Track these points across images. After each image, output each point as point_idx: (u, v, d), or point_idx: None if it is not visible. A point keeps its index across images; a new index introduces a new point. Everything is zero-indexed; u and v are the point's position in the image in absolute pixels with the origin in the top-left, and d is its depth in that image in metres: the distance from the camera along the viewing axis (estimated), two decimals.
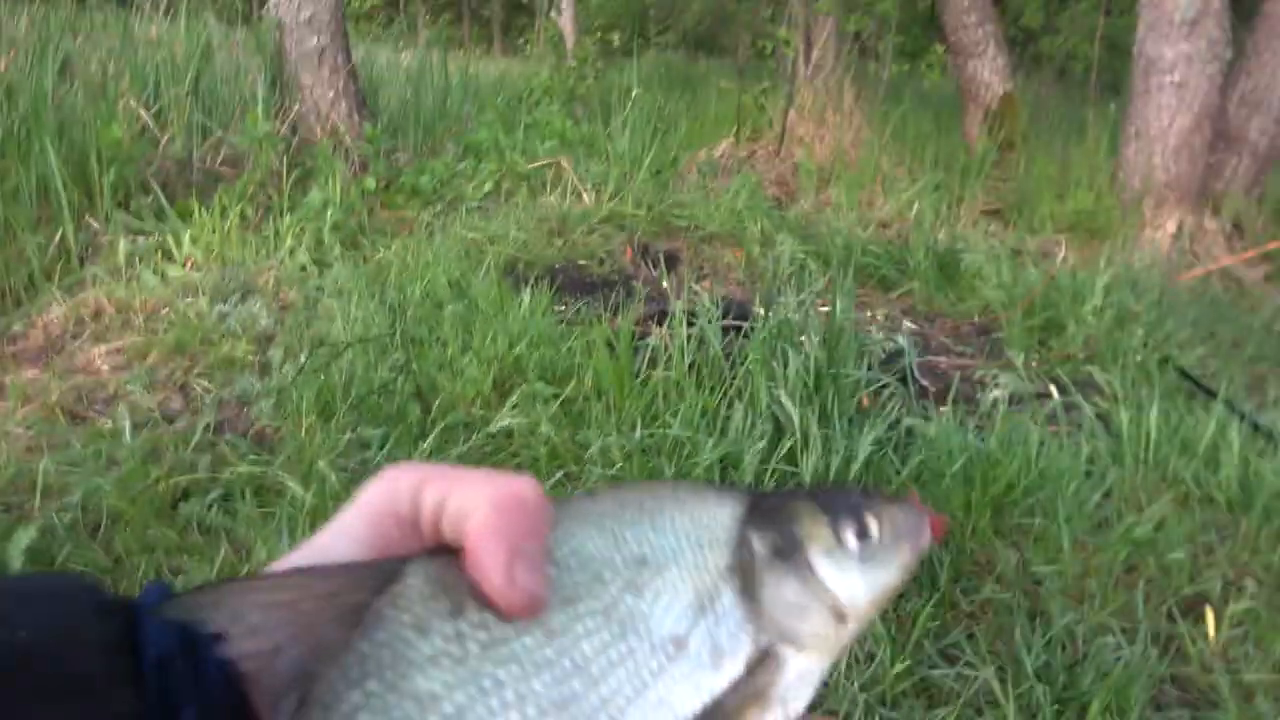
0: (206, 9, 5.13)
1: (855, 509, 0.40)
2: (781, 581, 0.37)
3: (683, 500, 0.39)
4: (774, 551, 0.38)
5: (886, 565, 0.40)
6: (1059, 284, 3.82)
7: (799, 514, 0.39)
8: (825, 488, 0.42)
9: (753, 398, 2.43)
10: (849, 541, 0.39)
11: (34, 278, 3.41)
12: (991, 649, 1.83)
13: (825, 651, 0.38)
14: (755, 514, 0.39)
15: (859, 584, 0.39)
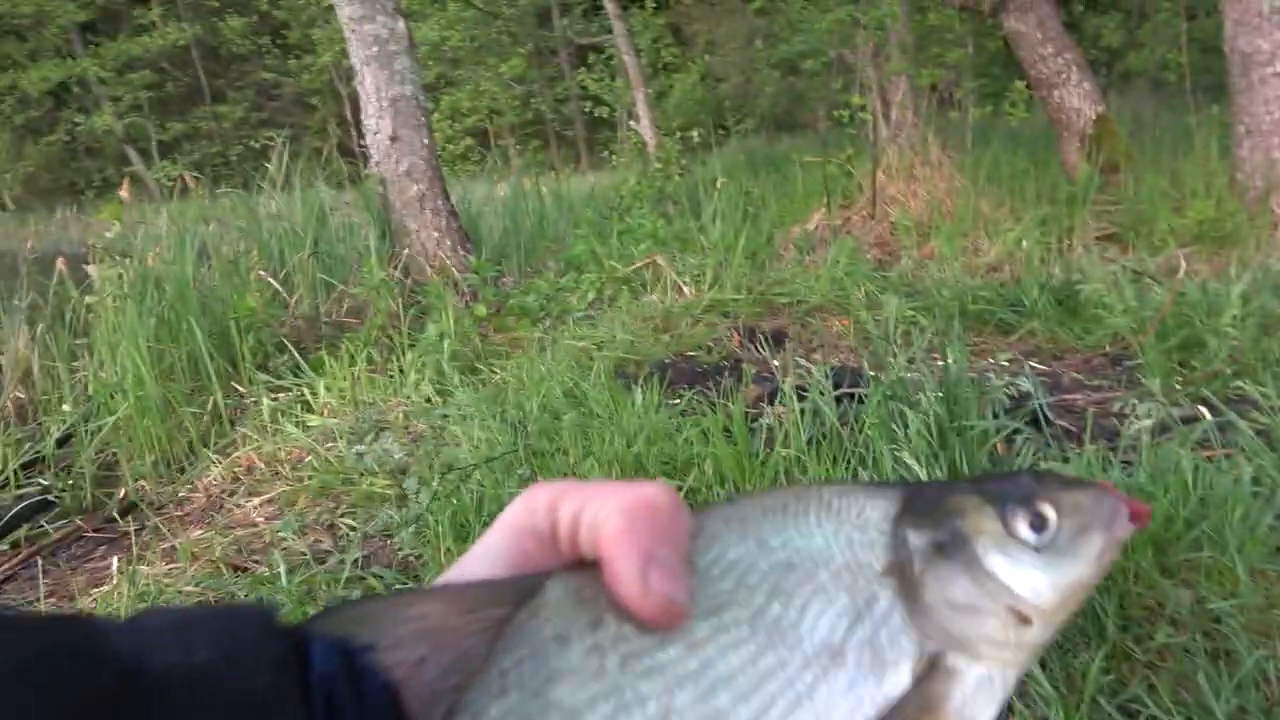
0: (317, 178, 5.59)
1: (1027, 496, 0.36)
2: (946, 580, 0.34)
3: (829, 500, 0.36)
4: (935, 547, 0.34)
5: (1072, 557, 0.35)
6: (1189, 299, 3.62)
7: (961, 506, 0.35)
8: (991, 475, 0.38)
9: (876, 463, 2.38)
10: (1022, 532, 0.35)
11: (193, 445, 3.70)
12: (1176, 699, 1.68)
13: (1006, 659, 0.34)
14: (911, 509, 0.35)
15: (1040, 579, 0.34)
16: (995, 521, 0.35)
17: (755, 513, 0.35)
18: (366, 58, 5.25)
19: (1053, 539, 0.35)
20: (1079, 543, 0.35)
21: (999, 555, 0.34)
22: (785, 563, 0.33)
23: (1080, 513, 0.36)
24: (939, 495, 0.36)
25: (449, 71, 19.32)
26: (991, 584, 0.34)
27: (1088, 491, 0.37)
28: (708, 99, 16.70)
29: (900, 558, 0.34)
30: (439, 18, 16.19)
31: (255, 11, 26.25)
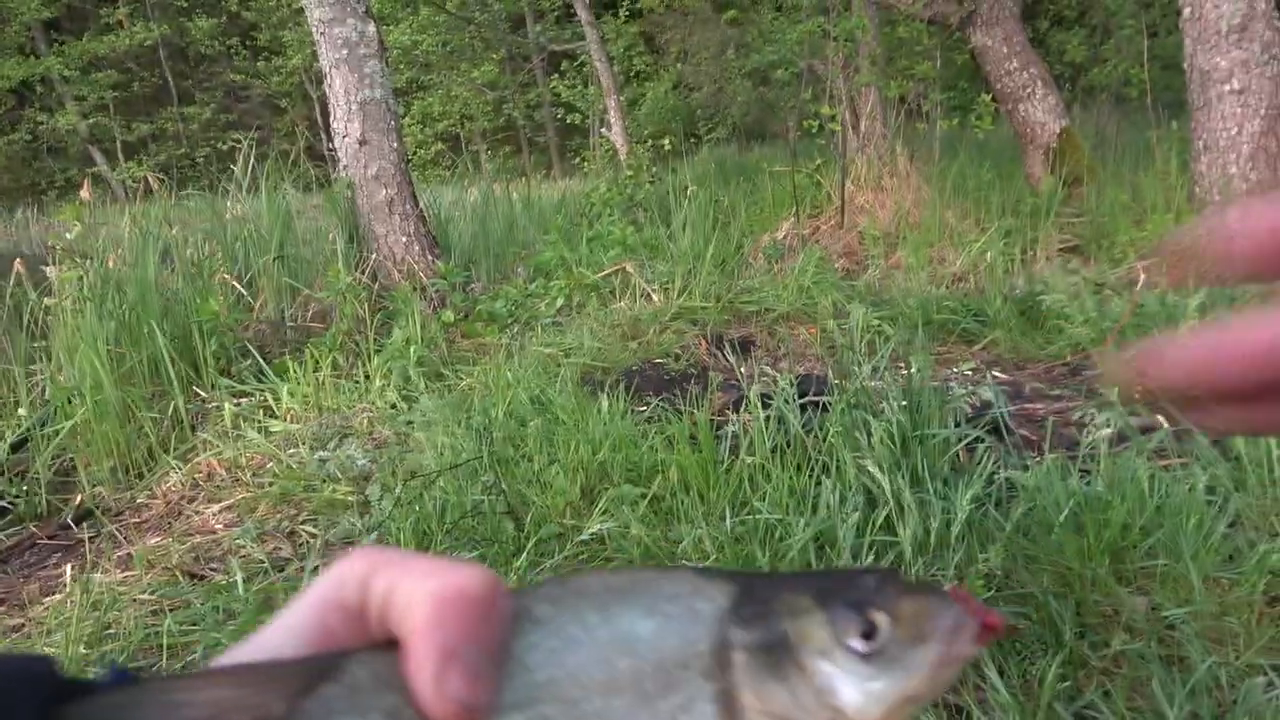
0: (284, 181, 5.53)
1: (859, 603, 0.33)
2: (766, 687, 0.32)
3: (659, 592, 0.34)
4: (759, 650, 0.32)
5: (902, 669, 0.33)
6: (1148, 311, 3.69)
7: (792, 607, 0.33)
8: (831, 574, 0.35)
9: (840, 471, 2.40)
10: (851, 640, 0.33)
11: (152, 450, 3.64)
12: (1131, 705, 1.71)
13: None
14: (741, 606, 0.33)
15: (865, 691, 0.32)
16: (824, 627, 0.33)
17: (584, 598, 0.33)
18: (336, 60, 5.21)
19: (883, 648, 0.33)
20: (912, 654, 0.33)
21: (824, 663, 0.32)
22: (606, 657, 0.32)
23: (917, 623, 0.34)
24: (772, 593, 0.34)
25: (421, 76, 19.23)
26: (812, 694, 0.32)
27: (931, 600, 0.34)
28: (680, 107, 16.77)
29: (723, 659, 0.32)
30: (411, 22, 16.13)
31: (224, 12, 25.97)
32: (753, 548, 2.17)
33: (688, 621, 0.33)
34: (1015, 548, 2.15)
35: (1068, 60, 8.95)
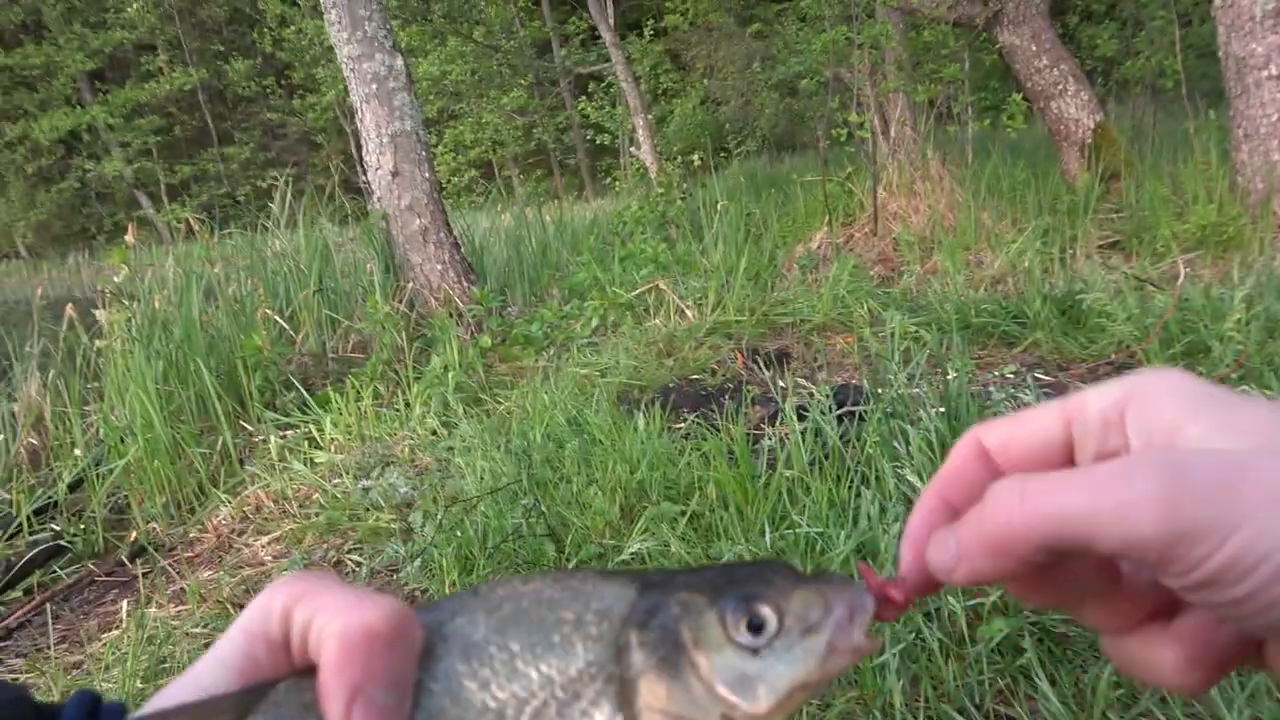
0: (321, 215, 5.65)
1: (748, 597, 0.35)
2: (662, 690, 0.33)
3: (561, 597, 0.35)
4: (655, 653, 0.34)
5: (790, 661, 0.34)
6: (1193, 305, 3.61)
7: (684, 607, 0.35)
8: (728, 568, 0.37)
9: (879, 481, 2.37)
10: (740, 635, 0.34)
11: (202, 485, 3.72)
12: (1188, 711, 1.66)
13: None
14: (639, 610, 0.35)
15: (754, 684, 0.34)
16: (714, 624, 0.34)
17: (485, 618, 0.35)
18: (366, 95, 5.32)
19: (771, 641, 0.34)
20: (801, 646, 0.34)
21: (714, 660, 0.34)
22: (509, 671, 0.33)
23: (806, 615, 0.35)
24: (668, 592, 0.35)
25: (451, 105, 19.52)
26: (703, 691, 0.33)
27: (822, 590, 0.35)
28: (708, 122, 16.81)
29: (622, 662, 0.33)
30: (439, 53, 16.39)
31: (259, 53, 26.64)
32: (794, 561, 2.15)
33: (587, 629, 0.34)
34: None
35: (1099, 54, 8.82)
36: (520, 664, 0.33)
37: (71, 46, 24.97)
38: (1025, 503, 0.32)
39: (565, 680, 0.33)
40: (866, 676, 1.79)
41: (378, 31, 5.30)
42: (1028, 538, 0.32)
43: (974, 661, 1.83)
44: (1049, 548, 0.32)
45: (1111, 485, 0.30)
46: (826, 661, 0.34)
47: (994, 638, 1.83)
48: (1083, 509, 0.30)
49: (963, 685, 1.79)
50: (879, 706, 1.76)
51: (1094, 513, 0.30)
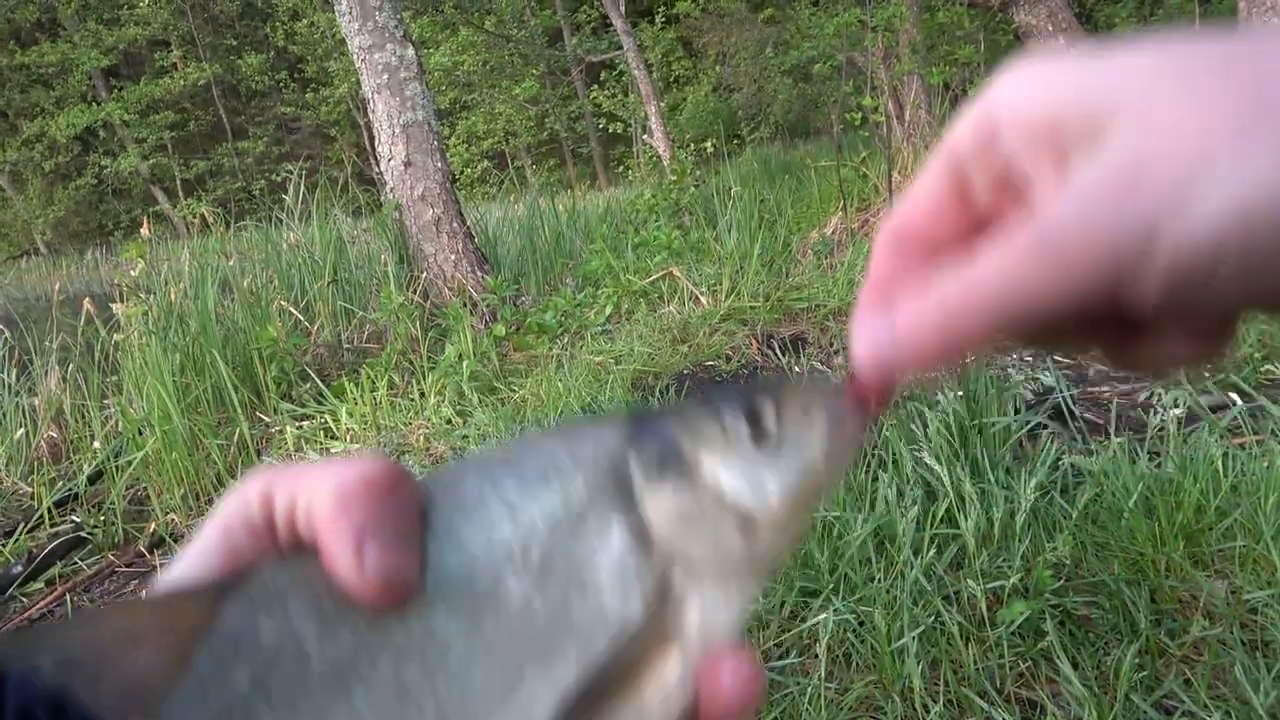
0: (335, 208, 5.66)
1: (744, 398, 0.34)
2: (668, 500, 0.33)
3: (551, 443, 0.34)
4: (656, 469, 0.33)
5: (795, 455, 0.34)
6: None
7: (681, 421, 0.34)
8: (719, 387, 0.36)
9: (897, 465, 2.35)
10: (742, 438, 0.34)
11: (220, 476, 3.74)
12: (1213, 693, 1.64)
13: (737, 571, 0.33)
14: (635, 435, 0.34)
15: (763, 484, 0.33)
16: (714, 429, 0.34)
17: (482, 468, 0.34)
18: (378, 86, 5.31)
19: (775, 440, 0.34)
20: (803, 440, 0.34)
21: (719, 466, 0.33)
22: (519, 520, 0.32)
23: (804, 408, 0.34)
24: (664, 415, 0.35)
25: (463, 96, 19.52)
26: (713, 497, 0.33)
27: (809, 389, 0.35)
28: (721, 109, 16.73)
29: (623, 485, 0.33)
30: (451, 43, 16.38)
31: (272, 48, 26.72)
32: (810, 546, 2.14)
33: (584, 463, 0.33)
34: (1084, 535, 2.09)
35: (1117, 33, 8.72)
36: (520, 509, 0.32)
37: (86, 44, 25.12)
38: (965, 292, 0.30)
39: (568, 514, 0.32)
40: (885, 660, 1.78)
41: (388, 22, 5.29)
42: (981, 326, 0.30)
43: (994, 645, 1.81)
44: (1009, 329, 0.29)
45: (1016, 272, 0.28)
46: (832, 452, 0.34)
47: (1014, 621, 1.82)
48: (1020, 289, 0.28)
49: (983, 669, 1.78)
50: (898, 690, 1.75)
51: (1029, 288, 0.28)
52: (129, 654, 0.30)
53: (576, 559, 0.32)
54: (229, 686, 0.30)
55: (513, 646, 0.31)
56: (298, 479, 0.33)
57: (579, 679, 0.30)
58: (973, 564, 1.99)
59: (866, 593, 1.95)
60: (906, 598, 1.89)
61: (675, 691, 0.32)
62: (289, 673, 0.30)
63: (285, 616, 0.30)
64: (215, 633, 0.30)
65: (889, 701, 1.73)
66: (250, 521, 0.34)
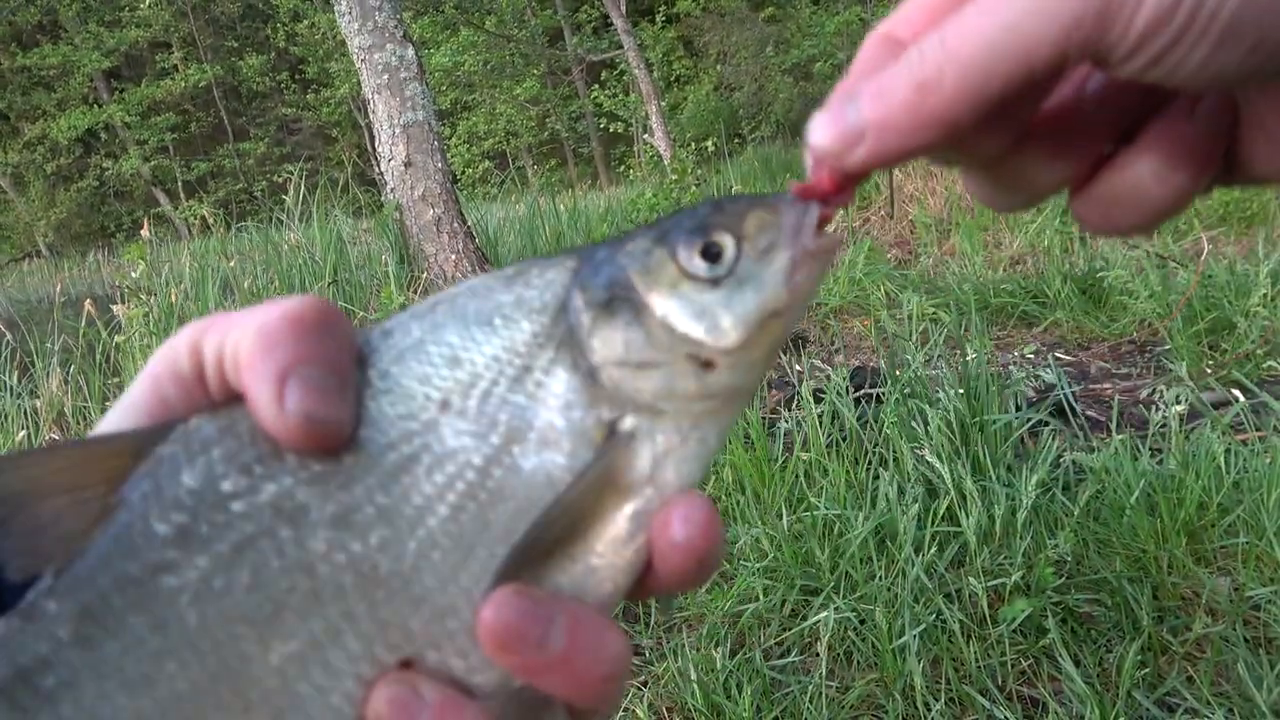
0: (335, 208, 5.66)
1: (698, 227, 0.31)
2: (616, 339, 0.31)
3: (495, 285, 0.33)
4: (603, 308, 0.31)
5: (755, 283, 0.31)
6: (1216, 281, 3.55)
7: (631, 255, 0.32)
8: (681, 211, 0.33)
9: (898, 463, 2.35)
10: (696, 267, 0.31)
11: None
12: (1216, 690, 1.63)
13: (696, 412, 0.31)
14: (583, 273, 0.32)
15: (718, 316, 0.31)
16: (666, 262, 0.31)
17: (425, 309, 0.33)
18: (378, 86, 5.31)
19: (731, 268, 0.31)
20: (763, 266, 0.31)
21: (670, 299, 0.31)
22: (451, 359, 0.31)
23: (763, 232, 0.32)
24: (612, 249, 0.32)
25: (464, 96, 19.52)
26: (664, 333, 0.31)
27: (770, 206, 0.32)
28: (721, 108, 16.71)
29: (570, 325, 0.31)
30: (451, 43, 16.37)
31: (273, 49, 26.74)
32: (811, 544, 2.14)
33: (529, 304, 0.32)
34: (1085, 532, 2.08)
35: None
36: (461, 352, 0.31)
37: (88, 46, 25.13)
38: (947, 45, 0.28)
39: (511, 357, 0.31)
40: (886, 658, 1.77)
41: (388, 22, 5.29)
42: (958, 87, 0.28)
43: (996, 642, 1.81)
44: (984, 94, 0.28)
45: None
46: (793, 278, 0.32)
47: (1016, 618, 1.81)
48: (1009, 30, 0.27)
49: (984, 666, 1.77)
50: (900, 688, 1.74)
51: (1019, 28, 0.27)
52: (40, 503, 0.29)
53: (520, 408, 0.30)
54: (149, 538, 0.28)
55: (452, 501, 0.29)
56: (228, 324, 0.31)
57: (524, 532, 0.29)
58: (974, 562, 1.99)
59: (867, 591, 1.95)
60: (908, 595, 1.89)
61: (627, 542, 0.30)
62: (213, 525, 0.28)
63: (208, 467, 0.29)
64: (134, 484, 0.29)
65: (890, 699, 1.72)
66: (179, 372, 0.32)
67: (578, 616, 0.30)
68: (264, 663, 0.28)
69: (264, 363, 0.29)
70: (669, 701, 1.81)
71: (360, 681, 0.29)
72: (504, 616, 0.28)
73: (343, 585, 0.29)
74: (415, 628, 0.29)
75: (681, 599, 2.18)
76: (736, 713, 1.72)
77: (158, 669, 0.28)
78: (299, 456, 0.29)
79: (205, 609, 0.28)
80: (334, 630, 0.29)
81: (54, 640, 0.28)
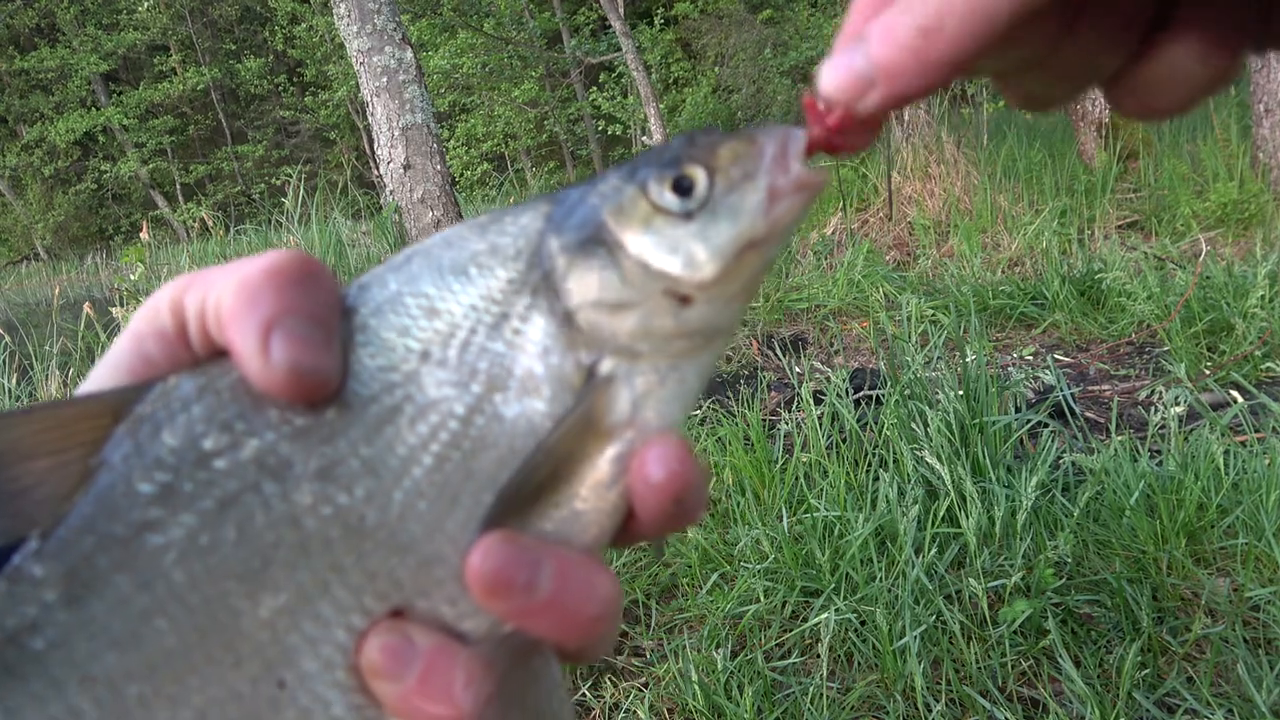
0: (334, 210, 5.66)
1: (670, 161, 0.31)
2: (590, 279, 0.30)
3: (469, 234, 0.32)
4: (576, 249, 0.31)
5: (730, 214, 0.31)
6: (1215, 283, 3.55)
7: (602, 195, 0.32)
8: (650, 150, 0.33)
9: (898, 464, 2.35)
10: (667, 202, 0.31)
11: None
12: (1216, 691, 1.64)
13: (676, 351, 0.31)
14: (555, 216, 0.32)
15: (693, 249, 0.30)
16: (637, 198, 0.31)
17: (401, 261, 0.32)
18: (377, 89, 5.31)
19: (705, 201, 0.31)
20: (737, 196, 0.31)
21: (643, 236, 0.31)
22: (429, 310, 0.31)
23: (736, 163, 0.31)
24: (584, 190, 0.32)
25: (462, 99, 19.52)
26: (638, 271, 0.30)
27: (746, 138, 0.32)
28: (720, 111, 16.72)
29: (545, 270, 0.31)
30: (449, 45, 16.37)
31: (271, 51, 26.74)
32: (812, 546, 2.14)
33: (503, 252, 0.31)
34: (1085, 534, 2.09)
35: None
36: (438, 303, 0.31)
37: (85, 49, 25.12)
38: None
39: (488, 304, 0.31)
40: (887, 660, 1.77)
41: (387, 24, 5.29)
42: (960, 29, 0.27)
43: (996, 643, 1.81)
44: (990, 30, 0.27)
45: None
46: (771, 209, 0.31)
47: (1016, 619, 1.81)
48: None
49: (985, 667, 1.77)
50: (900, 690, 1.75)
51: None
52: (21, 465, 0.29)
53: (499, 356, 0.30)
54: (132, 498, 0.28)
55: (436, 450, 0.29)
56: (208, 280, 0.31)
57: (507, 479, 0.29)
58: (974, 563, 1.99)
59: (868, 592, 1.95)
60: (908, 597, 1.89)
61: (610, 485, 0.30)
62: (196, 483, 0.28)
63: (189, 425, 0.29)
64: (115, 444, 0.29)
65: (891, 701, 1.72)
66: (161, 329, 0.32)
67: (565, 559, 0.30)
68: (253, 617, 0.28)
69: (248, 315, 0.29)
70: (670, 703, 1.81)
71: (350, 632, 0.29)
72: (491, 562, 0.29)
73: (330, 538, 0.29)
74: (403, 577, 0.29)
75: (702, 611, 2.17)
76: (737, 714, 1.72)
77: (146, 626, 0.28)
78: (281, 412, 0.29)
79: (192, 566, 0.28)
80: (322, 582, 0.29)
81: (42, 603, 0.28)
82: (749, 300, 0.33)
